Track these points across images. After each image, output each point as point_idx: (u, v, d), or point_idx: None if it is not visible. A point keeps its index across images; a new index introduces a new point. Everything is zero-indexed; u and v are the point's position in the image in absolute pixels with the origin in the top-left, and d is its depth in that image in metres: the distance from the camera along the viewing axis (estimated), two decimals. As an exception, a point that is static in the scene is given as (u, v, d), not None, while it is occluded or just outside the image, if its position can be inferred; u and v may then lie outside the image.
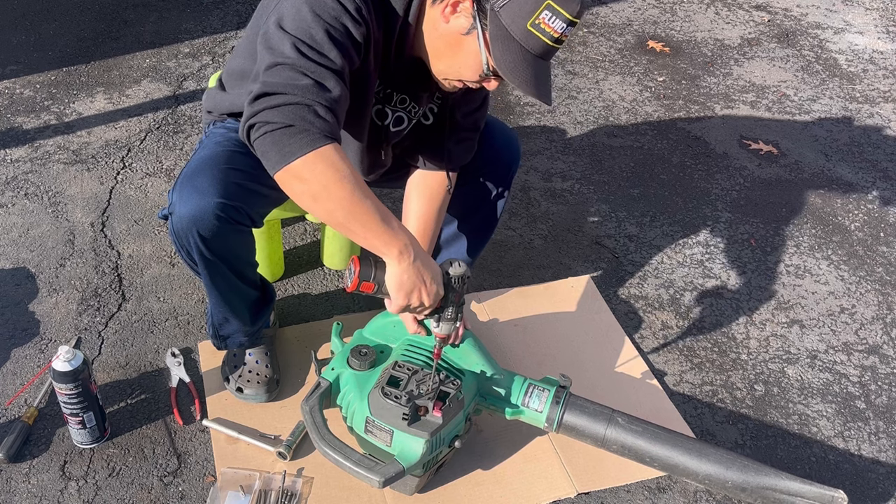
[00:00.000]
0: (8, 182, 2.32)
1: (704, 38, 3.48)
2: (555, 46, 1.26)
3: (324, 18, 1.22)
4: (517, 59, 1.26)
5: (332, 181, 1.19)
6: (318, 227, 2.23)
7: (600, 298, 2.12)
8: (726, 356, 2.00)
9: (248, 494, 1.55)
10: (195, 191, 1.40)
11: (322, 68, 1.21)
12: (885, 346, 2.07)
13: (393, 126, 1.54)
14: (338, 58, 1.22)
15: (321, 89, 1.20)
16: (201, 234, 1.41)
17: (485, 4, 1.25)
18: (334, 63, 1.22)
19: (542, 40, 1.24)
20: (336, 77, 1.22)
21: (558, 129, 2.80)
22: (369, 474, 1.41)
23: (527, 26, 1.23)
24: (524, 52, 1.25)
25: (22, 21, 3.11)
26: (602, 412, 1.59)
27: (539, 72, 1.28)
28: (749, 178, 2.65)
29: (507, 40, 1.25)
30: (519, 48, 1.25)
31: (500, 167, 1.68)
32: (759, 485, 1.51)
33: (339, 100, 1.22)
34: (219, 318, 1.68)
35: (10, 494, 1.54)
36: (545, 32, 1.23)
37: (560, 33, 1.24)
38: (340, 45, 1.23)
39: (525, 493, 1.62)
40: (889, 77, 3.32)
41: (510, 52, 1.25)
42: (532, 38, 1.24)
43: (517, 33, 1.24)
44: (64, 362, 1.51)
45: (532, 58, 1.26)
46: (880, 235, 2.46)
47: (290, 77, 1.19)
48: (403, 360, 1.54)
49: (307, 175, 1.19)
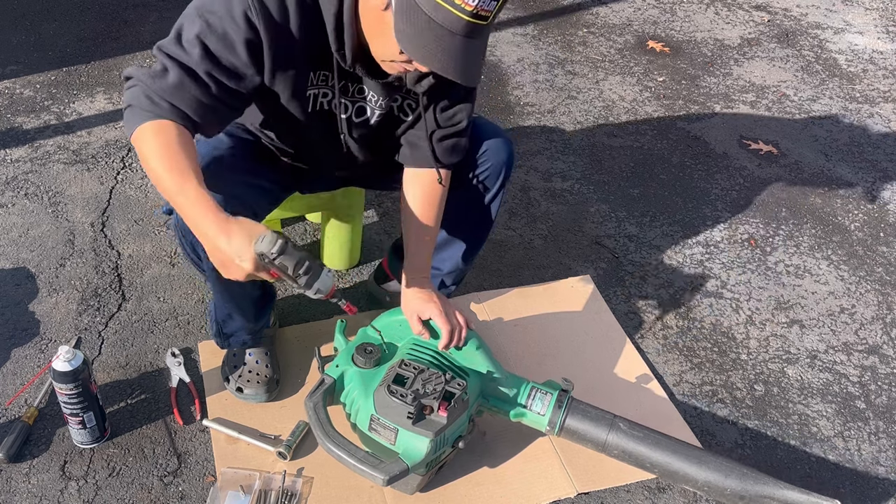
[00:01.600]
0: (8, 182, 2.32)
1: (704, 38, 3.48)
2: (475, 22, 1.19)
3: (204, 19, 1.29)
4: (423, 34, 1.20)
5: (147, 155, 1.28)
6: (318, 227, 2.23)
7: (600, 298, 2.12)
8: (726, 356, 2.00)
9: (248, 494, 1.55)
10: None
11: (174, 62, 1.29)
12: (885, 346, 2.07)
13: (355, 116, 1.51)
14: (197, 56, 1.28)
15: (160, 78, 1.29)
16: None
17: None
18: (191, 59, 1.28)
19: (455, 14, 1.17)
20: (182, 70, 1.28)
21: (558, 129, 2.80)
22: (374, 472, 1.42)
23: None
24: (434, 27, 1.19)
25: (22, 21, 3.11)
26: (604, 417, 1.59)
27: (454, 48, 1.21)
28: (749, 178, 2.65)
29: (414, 13, 1.19)
30: (427, 22, 1.19)
31: (492, 171, 1.64)
32: (758, 493, 1.52)
33: (171, 89, 1.28)
34: (223, 315, 1.68)
35: (10, 494, 1.54)
36: (455, 5, 1.16)
37: (474, 6, 1.16)
38: (204, 46, 1.28)
39: (525, 493, 1.62)
40: (889, 77, 3.32)
41: (414, 26, 1.20)
42: (442, 12, 1.18)
43: (426, 6, 1.18)
44: (64, 362, 1.51)
45: (446, 33, 1.19)
46: (880, 235, 2.46)
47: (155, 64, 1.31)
48: (409, 359, 1.54)
49: (136, 147, 1.31)
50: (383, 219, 2.32)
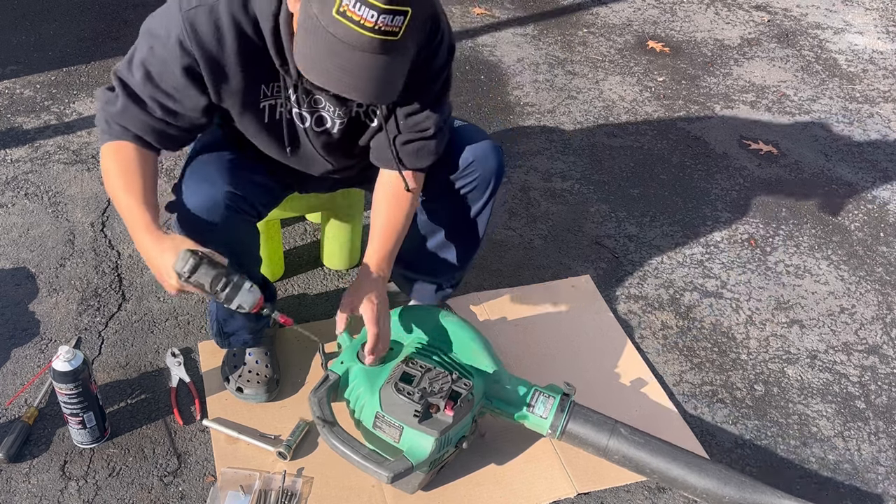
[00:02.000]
0: (8, 182, 2.32)
1: (704, 38, 3.48)
2: (378, 38, 1.15)
3: (149, 44, 1.34)
4: (321, 51, 1.18)
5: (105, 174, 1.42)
6: (318, 227, 2.23)
7: (600, 298, 2.12)
8: (726, 356, 2.00)
9: (248, 494, 1.55)
10: (204, 180, 1.44)
11: (122, 86, 1.38)
12: (885, 346, 2.07)
13: (316, 126, 1.51)
14: (139, 80, 1.36)
15: (111, 103, 1.39)
16: (211, 223, 1.43)
17: None
18: (135, 83, 1.36)
19: (354, 29, 1.14)
20: (127, 95, 1.37)
21: (558, 129, 2.80)
22: (378, 469, 1.42)
23: (333, 14, 1.14)
24: (334, 42, 1.17)
25: (22, 21, 3.11)
26: (605, 422, 1.59)
27: (354, 65, 1.18)
28: (749, 178, 2.65)
29: (315, 29, 1.18)
30: (327, 38, 1.17)
31: (481, 180, 1.61)
32: (755, 502, 1.52)
33: (119, 113, 1.38)
34: (224, 314, 1.68)
35: (10, 494, 1.54)
36: (354, 21, 1.14)
37: (374, 22, 1.13)
38: (146, 71, 1.35)
39: (525, 493, 1.62)
40: (889, 77, 3.32)
41: (314, 44, 1.19)
42: (341, 28, 1.15)
43: (325, 21, 1.16)
44: (64, 362, 1.51)
45: (347, 48, 1.17)
46: (880, 235, 2.46)
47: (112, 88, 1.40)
48: (416, 358, 1.54)
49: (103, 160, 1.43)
50: (383, 219, 2.32)
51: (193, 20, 1.29)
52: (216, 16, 1.29)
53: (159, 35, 1.32)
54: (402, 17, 1.15)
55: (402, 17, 1.15)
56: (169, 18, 1.31)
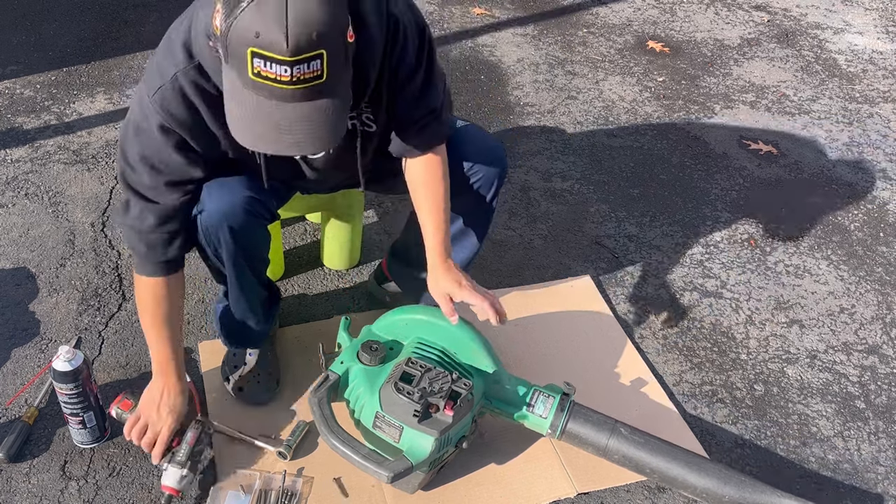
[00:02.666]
0: (8, 182, 2.32)
1: (704, 39, 3.48)
2: (302, 87, 1.12)
3: (138, 141, 1.37)
4: (250, 112, 1.16)
5: (138, 299, 1.55)
6: (318, 228, 2.23)
7: (600, 298, 2.12)
8: (726, 356, 2.00)
9: (248, 494, 1.55)
10: (223, 187, 1.45)
11: (136, 196, 1.41)
12: (885, 346, 2.07)
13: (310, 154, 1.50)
14: (149, 177, 1.38)
15: (140, 220, 1.43)
16: (232, 228, 1.45)
17: (221, 57, 1.17)
18: (147, 182, 1.39)
19: (276, 87, 1.11)
20: (147, 202, 1.41)
21: (558, 129, 2.80)
22: (378, 469, 1.42)
23: (250, 76, 1.11)
24: (261, 101, 1.14)
25: (22, 21, 3.11)
26: (605, 422, 1.59)
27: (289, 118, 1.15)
28: (749, 178, 2.65)
29: (240, 93, 1.16)
30: (254, 100, 1.14)
31: (484, 179, 1.61)
32: (755, 502, 1.52)
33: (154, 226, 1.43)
34: (239, 315, 1.68)
35: (11, 494, 1.54)
36: (270, 79, 1.10)
37: (290, 76, 1.10)
38: (150, 165, 1.37)
39: (525, 493, 1.62)
40: (889, 77, 3.32)
41: (243, 107, 1.16)
42: (263, 88, 1.12)
43: (247, 85, 1.14)
44: (64, 362, 1.51)
45: (275, 105, 1.14)
46: (880, 235, 2.46)
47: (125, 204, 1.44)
48: (416, 358, 1.55)
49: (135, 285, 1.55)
50: (383, 219, 2.33)
51: (162, 103, 1.32)
52: (179, 89, 1.31)
53: (143, 128, 1.35)
54: (319, 61, 1.10)
55: (318, 60, 1.10)
56: (143, 108, 1.34)
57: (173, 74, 1.29)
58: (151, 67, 1.34)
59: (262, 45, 1.08)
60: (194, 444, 1.56)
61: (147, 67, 1.37)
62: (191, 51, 1.28)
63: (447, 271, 1.51)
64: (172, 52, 1.30)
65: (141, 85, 1.36)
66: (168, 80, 1.30)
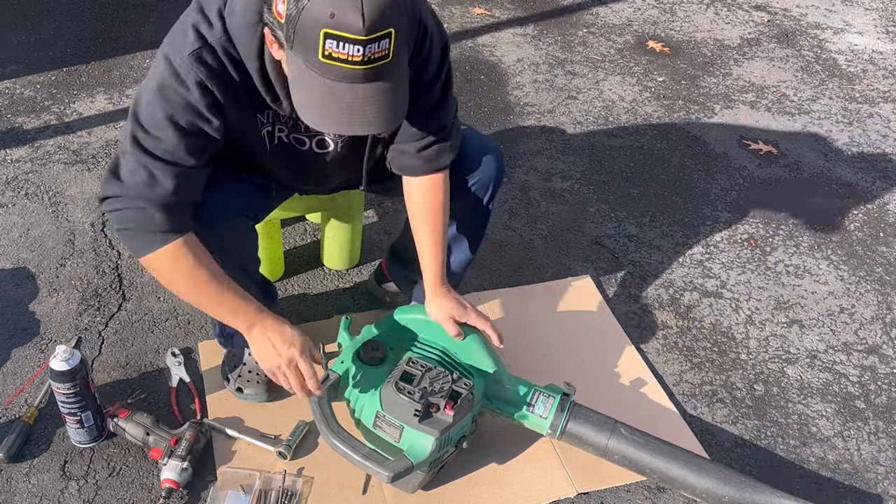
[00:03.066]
0: (8, 182, 2.32)
1: (704, 39, 3.48)
2: (372, 67, 1.15)
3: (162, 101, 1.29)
4: (321, 96, 1.17)
5: (172, 279, 1.39)
6: (318, 228, 2.23)
7: (600, 298, 2.12)
8: (726, 356, 2.00)
9: (248, 494, 1.55)
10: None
11: (153, 159, 1.30)
12: (885, 346, 2.07)
13: (317, 148, 1.52)
14: (172, 138, 1.30)
15: (151, 186, 1.31)
16: (209, 226, 1.43)
17: (283, 43, 1.18)
18: (167, 144, 1.30)
19: (347, 68, 1.14)
20: (166, 164, 1.30)
21: (558, 129, 2.80)
22: (379, 469, 1.42)
23: (319, 59, 1.13)
24: (331, 85, 1.16)
25: (22, 21, 3.11)
26: (605, 422, 1.59)
27: (360, 98, 1.17)
28: (749, 178, 2.65)
29: (308, 77, 1.17)
30: (322, 83, 1.16)
31: (480, 182, 1.62)
32: (755, 502, 1.52)
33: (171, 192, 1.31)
34: None
35: (11, 494, 1.54)
36: (342, 60, 1.13)
37: (362, 55, 1.12)
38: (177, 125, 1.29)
39: (525, 493, 1.62)
40: (889, 77, 3.32)
41: (311, 90, 1.18)
42: (333, 70, 1.14)
43: (315, 68, 1.15)
44: (61, 362, 1.51)
45: (346, 87, 1.16)
46: (880, 235, 2.46)
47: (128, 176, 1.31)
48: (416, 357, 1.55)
49: (153, 270, 1.40)
50: (383, 219, 2.33)
51: (201, 60, 1.28)
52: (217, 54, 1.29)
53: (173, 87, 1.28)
54: (388, 40, 1.13)
55: (386, 39, 1.13)
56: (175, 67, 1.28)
57: (213, 39, 1.28)
58: (181, 31, 1.30)
59: (336, 26, 1.10)
60: (193, 442, 1.57)
61: (170, 34, 1.32)
62: (226, 25, 1.28)
63: (445, 295, 1.58)
64: (209, 21, 1.28)
65: (163, 51, 1.30)
66: (208, 42, 1.28)
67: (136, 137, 1.31)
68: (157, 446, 1.58)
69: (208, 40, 1.28)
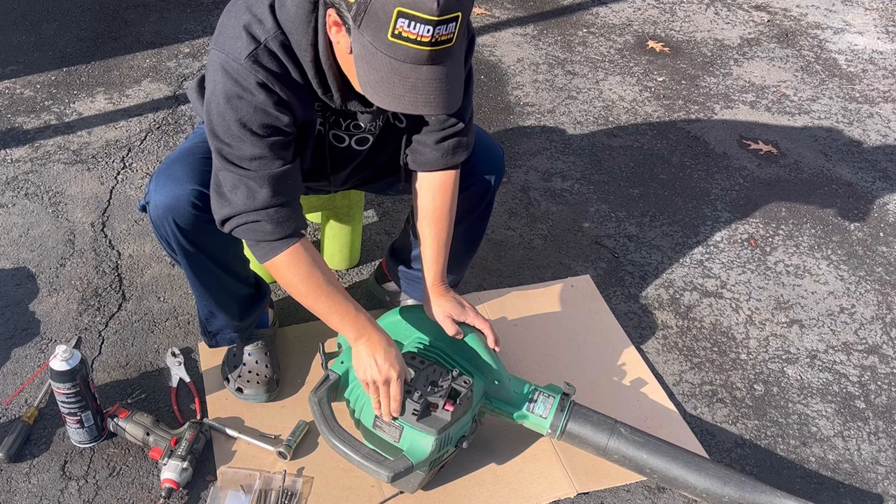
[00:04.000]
0: (8, 182, 2.32)
1: (704, 39, 3.48)
2: (437, 49, 1.17)
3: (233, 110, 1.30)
4: (386, 75, 1.19)
5: (289, 283, 1.44)
6: (318, 228, 2.23)
7: (600, 298, 2.12)
8: (726, 356, 2.00)
9: (248, 494, 1.55)
10: (171, 179, 1.43)
11: (243, 171, 1.34)
12: (885, 346, 2.07)
13: (357, 145, 1.55)
14: (253, 144, 1.32)
15: (253, 198, 1.34)
16: (178, 222, 1.43)
17: (349, 23, 1.19)
18: (251, 151, 1.32)
19: (414, 48, 1.16)
20: (256, 173, 1.33)
21: (558, 129, 2.80)
22: (379, 469, 1.42)
23: (388, 38, 1.15)
24: (396, 65, 1.18)
25: (22, 21, 3.11)
26: (605, 422, 1.59)
27: (422, 82, 1.20)
28: (749, 178, 2.65)
29: (373, 57, 1.19)
30: (388, 63, 1.18)
31: (480, 180, 1.62)
32: (755, 502, 1.52)
33: (271, 198, 1.35)
34: (204, 312, 1.67)
35: (11, 494, 1.54)
36: (411, 40, 1.15)
37: (430, 36, 1.14)
38: (252, 130, 1.31)
39: (525, 493, 1.62)
40: (889, 77, 3.32)
41: (377, 70, 1.20)
42: (400, 50, 1.16)
43: (382, 47, 1.17)
44: (61, 361, 1.51)
45: (410, 68, 1.19)
46: (880, 235, 2.46)
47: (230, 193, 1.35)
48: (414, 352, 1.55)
49: (275, 274, 1.45)
50: (383, 219, 2.33)
51: (258, 61, 1.29)
52: (272, 52, 1.30)
53: (237, 94, 1.30)
54: (455, 23, 1.16)
55: (454, 23, 1.16)
56: (233, 74, 1.29)
57: (265, 38, 1.29)
58: (231, 34, 1.30)
59: (412, 4, 1.12)
60: (193, 442, 1.57)
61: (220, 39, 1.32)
62: (277, 19, 1.29)
63: (444, 295, 1.59)
64: (260, 19, 1.29)
65: (217, 59, 1.31)
66: (262, 43, 1.29)
67: (222, 153, 1.34)
68: (157, 446, 1.58)
69: (261, 40, 1.28)
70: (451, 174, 1.56)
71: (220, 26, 1.35)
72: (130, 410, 1.62)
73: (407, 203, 2.33)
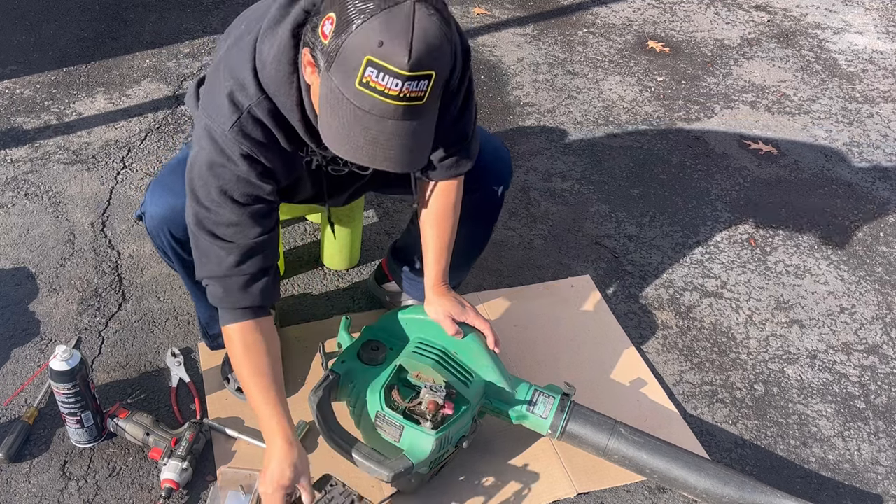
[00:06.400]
0: (8, 182, 2.32)
1: (704, 38, 3.48)
2: (403, 105, 1.13)
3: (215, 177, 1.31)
4: (349, 123, 1.16)
5: (231, 356, 1.43)
6: (318, 228, 2.23)
7: (600, 298, 2.12)
8: (726, 356, 2.00)
9: (248, 494, 1.55)
10: (167, 190, 1.44)
11: (215, 239, 1.34)
12: (885, 346, 2.07)
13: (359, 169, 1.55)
14: (232, 211, 1.33)
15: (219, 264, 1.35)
16: (173, 234, 1.44)
17: (321, 65, 1.16)
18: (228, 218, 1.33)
19: (380, 100, 1.12)
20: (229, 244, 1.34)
21: (558, 129, 2.80)
22: (379, 468, 1.43)
23: (356, 86, 1.12)
24: (360, 115, 1.14)
25: (22, 21, 3.11)
26: (605, 422, 1.59)
27: (384, 136, 1.16)
28: (749, 178, 2.65)
29: (339, 102, 1.15)
30: (353, 111, 1.14)
31: (488, 183, 1.62)
32: (755, 502, 1.52)
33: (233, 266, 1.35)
34: (205, 317, 1.69)
35: (10, 494, 1.54)
36: (378, 91, 1.11)
37: (398, 90, 1.11)
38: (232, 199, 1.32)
39: (525, 493, 1.62)
40: (889, 77, 3.32)
41: (340, 117, 1.16)
42: (367, 99, 1.13)
43: (349, 94, 1.13)
44: (61, 362, 1.51)
45: (375, 119, 1.15)
46: (880, 235, 2.46)
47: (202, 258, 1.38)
48: (416, 359, 1.55)
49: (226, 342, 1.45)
50: (383, 219, 2.32)
51: (243, 132, 1.28)
52: (257, 119, 1.29)
53: (221, 163, 1.30)
54: (427, 82, 1.13)
55: (426, 81, 1.12)
56: (217, 143, 1.30)
57: (248, 105, 1.27)
58: (216, 102, 1.30)
59: (382, 55, 1.09)
60: (193, 442, 1.57)
61: (206, 101, 1.32)
62: (260, 82, 1.27)
63: (444, 294, 1.59)
64: (243, 86, 1.27)
65: (204, 123, 1.31)
66: (245, 111, 1.28)
67: (199, 217, 1.34)
68: (157, 446, 1.58)
69: (245, 107, 1.27)
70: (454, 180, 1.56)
71: (206, 85, 1.35)
72: (130, 410, 1.62)
73: (407, 203, 2.33)
